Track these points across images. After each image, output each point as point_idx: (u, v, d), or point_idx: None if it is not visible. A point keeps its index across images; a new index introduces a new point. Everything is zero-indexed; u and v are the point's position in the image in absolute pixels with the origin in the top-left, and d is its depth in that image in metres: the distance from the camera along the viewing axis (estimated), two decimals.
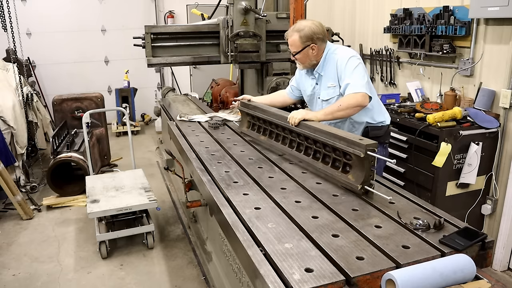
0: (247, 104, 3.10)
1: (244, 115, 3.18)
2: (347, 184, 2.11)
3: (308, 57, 2.68)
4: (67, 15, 7.90)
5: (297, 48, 2.66)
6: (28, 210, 4.47)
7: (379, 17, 4.72)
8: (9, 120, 4.89)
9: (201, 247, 3.64)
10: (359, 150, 1.98)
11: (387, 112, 2.89)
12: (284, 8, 4.73)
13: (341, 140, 2.13)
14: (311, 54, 2.67)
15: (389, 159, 1.96)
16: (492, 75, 3.45)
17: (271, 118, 2.80)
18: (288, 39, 2.70)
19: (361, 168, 2.04)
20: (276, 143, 2.79)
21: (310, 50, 2.65)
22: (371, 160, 1.98)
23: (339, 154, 2.22)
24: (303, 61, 2.72)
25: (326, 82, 2.71)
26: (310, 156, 2.44)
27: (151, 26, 4.06)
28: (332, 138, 2.21)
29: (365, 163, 1.99)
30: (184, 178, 3.26)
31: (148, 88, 8.61)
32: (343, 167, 2.19)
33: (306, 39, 2.62)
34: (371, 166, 2.00)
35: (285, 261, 1.50)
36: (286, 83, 4.26)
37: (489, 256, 1.64)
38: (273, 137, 2.85)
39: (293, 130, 2.56)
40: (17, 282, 3.39)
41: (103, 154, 5.84)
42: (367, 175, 2.00)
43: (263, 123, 2.96)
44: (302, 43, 2.63)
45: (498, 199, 3.49)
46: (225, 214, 1.90)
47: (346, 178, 2.12)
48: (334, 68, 2.64)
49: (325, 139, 2.27)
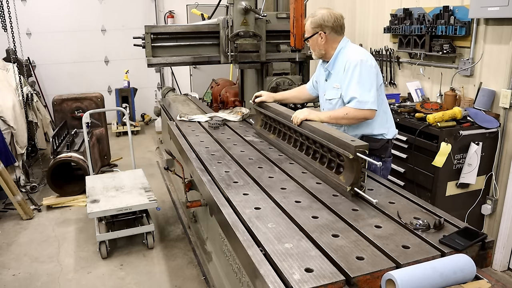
0: (260, 102, 3.12)
1: (258, 113, 3.21)
2: (338, 185, 2.11)
3: (317, 44, 2.62)
4: (67, 15, 7.90)
5: (308, 33, 2.64)
6: (28, 210, 4.47)
7: (379, 17, 4.72)
8: (9, 120, 4.89)
9: (201, 247, 3.64)
10: (349, 151, 1.98)
11: (394, 126, 2.73)
12: (284, 8, 4.73)
13: (334, 141, 2.14)
14: (320, 42, 2.60)
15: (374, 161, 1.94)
16: (492, 75, 3.44)
17: (279, 118, 2.82)
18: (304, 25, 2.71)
19: (351, 170, 2.03)
20: (282, 142, 2.81)
21: (319, 37, 2.59)
22: (361, 162, 1.96)
23: (334, 155, 2.22)
24: (313, 47, 2.68)
25: (333, 81, 2.65)
26: (310, 156, 2.45)
27: (151, 26, 4.06)
28: (326, 138, 2.21)
29: (354, 164, 1.98)
30: (184, 178, 3.26)
31: (148, 88, 8.61)
32: (337, 168, 2.19)
33: (315, 25, 2.58)
34: (362, 168, 1.98)
35: (285, 261, 1.50)
36: (286, 83, 4.25)
37: (489, 256, 1.64)
38: (280, 136, 2.87)
39: (297, 130, 2.57)
40: (17, 282, 3.39)
41: (103, 154, 5.84)
42: (357, 177, 1.99)
43: (273, 122, 2.99)
44: (312, 29, 2.59)
45: (498, 199, 3.49)
46: (225, 214, 1.90)
47: (337, 179, 2.12)
48: (342, 69, 2.56)
49: (320, 139, 2.28)
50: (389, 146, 2.74)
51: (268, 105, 3.02)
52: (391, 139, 2.71)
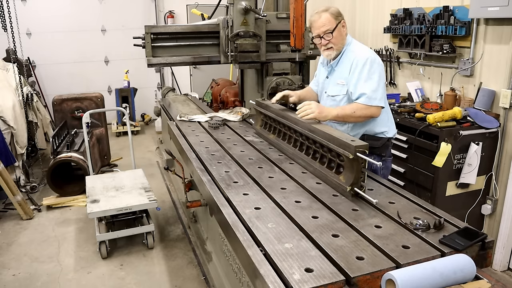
0: (260, 102, 3.13)
1: (258, 113, 3.21)
2: (338, 185, 2.11)
3: (341, 36, 2.54)
4: (67, 15, 7.90)
5: (332, 24, 2.49)
6: (28, 210, 4.47)
7: (379, 17, 4.72)
8: (9, 120, 4.90)
9: (201, 247, 3.64)
10: (349, 151, 1.98)
11: (394, 125, 2.74)
12: (284, 8, 4.73)
13: (334, 141, 2.14)
14: (343, 32, 2.54)
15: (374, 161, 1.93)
16: (492, 75, 3.45)
17: (279, 118, 2.82)
18: (317, 21, 2.52)
19: (351, 170, 2.03)
20: (282, 142, 2.80)
21: (341, 27, 2.52)
22: (361, 162, 1.97)
23: (334, 155, 2.22)
24: (337, 41, 2.54)
25: (337, 78, 2.62)
26: (310, 156, 2.44)
27: (151, 26, 4.06)
28: (326, 138, 2.22)
29: (354, 164, 1.98)
30: (184, 178, 3.26)
31: (148, 88, 8.61)
32: (337, 168, 2.19)
33: (337, 14, 2.51)
34: (362, 168, 1.98)
35: (285, 261, 1.50)
36: (286, 83, 4.25)
37: (489, 256, 1.64)
38: (281, 136, 2.87)
39: (297, 129, 2.56)
40: (17, 282, 3.39)
41: (103, 154, 5.84)
42: (357, 177, 1.99)
43: (273, 122, 2.99)
44: (335, 18, 2.50)
45: (498, 199, 3.49)
46: (225, 214, 1.90)
47: (337, 179, 2.12)
48: (348, 66, 2.53)
49: (320, 139, 2.28)
50: (390, 145, 2.75)
51: (268, 105, 3.02)
52: (392, 138, 2.71)
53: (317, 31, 2.55)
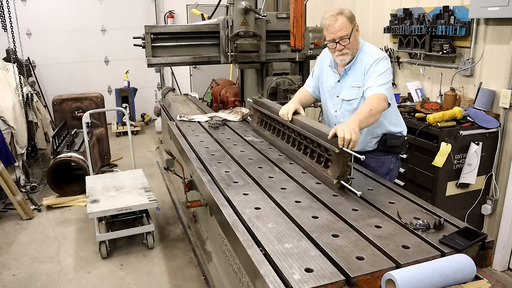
0: (257, 100, 3.20)
1: (255, 111, 3.27)
2: (325, 179, 2.19)
3: (356, 40, 2.47)
4: (67, 15, 7.90)
5: (348, 29, 2.39)
6: (28, 210, 4.47)
7: (379, 17, 4.72)
8: (9, 120, 4.89)
9: (201, 247, 3.64)
10: (335, 146, 2.05)
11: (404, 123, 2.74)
12: (284, 8, 4.73)
13: (322, 136, 2.21)
14: (357, 36, 2.48)
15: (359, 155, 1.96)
16: (492, 75, 3.44)
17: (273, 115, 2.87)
18: (333, 25, 2.40)
19: (337, 164, 2.11)
20: (276, 138, 2.88)
21: (355, 31, 2.44)
22: (347, 156, 2.04)
23: (323, 150, 2.30)
24: (352, 46, 2.46)
25: (352, 81, 2.53)
26: (301, 151, 2.53)
27: (151, 26, 4.06)
28: (315, 134, 2.30)
29: (340, 158, 2.05)
30: (184, 178, 3.26)
31: (148, 88, 8.61)
32: (325, 162, 2.28)
33: (352, 18, 2.43)
34: (348, 161, 2.05)
35: (285, 261, 1.50)
36: (286, 83, 4.26)
37: (489, 256, 1.64)
38: (275, 132, 2.94)
39: (290, 126, 2.64)
40: (17, 282, 3.39)
41: (103, 154, 5.84)
42: (343, 170, 2.07)
43: (269, 119, 3.05)
44: (351, 23, 2.41)
45: (498, 199, 3.49)
46: (225, 214, 1.90)
47: (325, 173, 2.22)
48: (362, 68, 2.48)
49: (310, 135, 2.36)
50: (406, 143, 2.74)
51: (263, 102, 3.10)
52: (406, 136, 2.73)
53: (332, 35, 2.43)
